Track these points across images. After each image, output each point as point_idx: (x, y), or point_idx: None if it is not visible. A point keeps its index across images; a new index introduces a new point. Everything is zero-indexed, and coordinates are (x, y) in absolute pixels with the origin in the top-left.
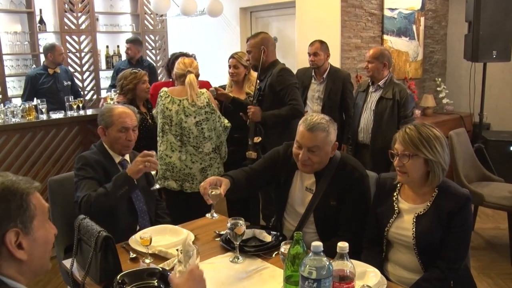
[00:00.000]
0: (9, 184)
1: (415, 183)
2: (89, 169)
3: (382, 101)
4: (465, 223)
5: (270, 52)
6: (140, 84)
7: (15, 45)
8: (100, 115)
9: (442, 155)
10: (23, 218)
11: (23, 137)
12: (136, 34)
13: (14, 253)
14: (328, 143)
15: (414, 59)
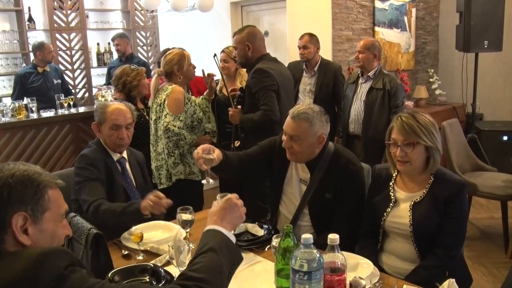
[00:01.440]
0: (31, 173)
1: (415, 171)
2: (93, 169)
3: (372, 91)
4: (461, 210)
5: (257, 47)
6: (143, 79)
7: (4, 43)
8: (95, 111)
9: (438, 139)
10: (34, 206)
11: (13, 137)
12: (127, 31)
13: (18, 236)
14: (311, 135)
15: (406, 51)
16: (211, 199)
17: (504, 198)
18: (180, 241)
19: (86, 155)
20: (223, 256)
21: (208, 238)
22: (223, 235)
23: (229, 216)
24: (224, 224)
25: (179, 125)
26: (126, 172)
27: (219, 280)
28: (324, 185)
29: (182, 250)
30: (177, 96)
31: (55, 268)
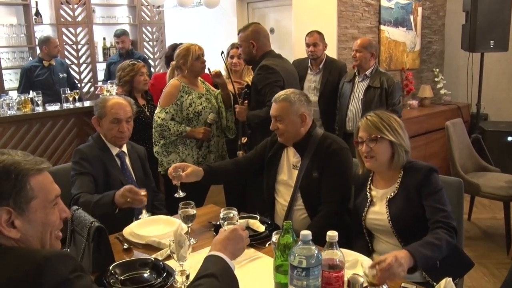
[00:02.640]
0: (8, 164)
1: (382, 167)
2: (85, 164)
3: (370, 90)
4: (434, 188)
5: (261, 45)
6: (138, 76)
7: (11, 37)
8: (94, 105)
9: (403, 137)
10: (16, 198)
11: (19, 130)
12: (133, 26)
13: (4, 232)
14: (292, 113)
15: (412, 50)
16: (214, 194)
17: (507, 199)
18: (181, 236)
19: (81, 150)
20: (223, 283)
21: (210, 263)
22: (225, 263)
23: (232, 247)
24: (227, 253)
25: (163, 116)
26: (126, 166)
27: None
28: (312, 166)
29: (183, 245)
30: (169, 90)
31: (58, 274)
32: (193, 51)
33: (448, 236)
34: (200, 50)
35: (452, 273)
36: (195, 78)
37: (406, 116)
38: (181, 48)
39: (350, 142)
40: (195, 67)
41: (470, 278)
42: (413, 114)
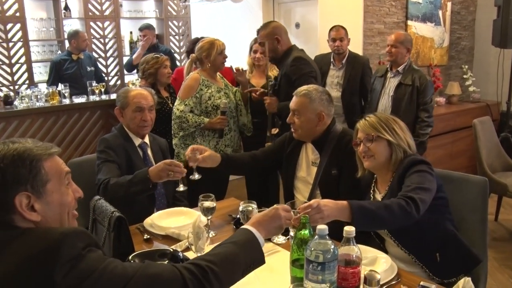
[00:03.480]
0: (21, 151)
1: (381, 166)
2: (111, 152)
3: (401, 87)
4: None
5: (284, 40)
6: (162, 69)
7: (41, 31)
8: (116, 96)
9: (402, 137)
10: (33, 182)
11: (46, 121)
12: (159, 20)
13: (25, 215)
14: (310, 110)
15: (440, 46)
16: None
17: None
18: (200, 228)
19: (106, 138)
20: (243, 251)
21: (237, 234)
22: (253, 236)
23: (267, 223)
24: (259, 228)
25: (182, 108)
26: (148, 157)
27: (230, 269)
28: (331, 163)
29: (201, 237)
30: (189, 82)
31: (74, 248)
32: (218, 46)
33: (403, 202)
34: (223, 45)
35: (456, 268)
36: (215, 72)
37: (433, 113)
38: (205, 41)
39: None
40: (217, 62)
41: (495, 280)
42: (440, 111)
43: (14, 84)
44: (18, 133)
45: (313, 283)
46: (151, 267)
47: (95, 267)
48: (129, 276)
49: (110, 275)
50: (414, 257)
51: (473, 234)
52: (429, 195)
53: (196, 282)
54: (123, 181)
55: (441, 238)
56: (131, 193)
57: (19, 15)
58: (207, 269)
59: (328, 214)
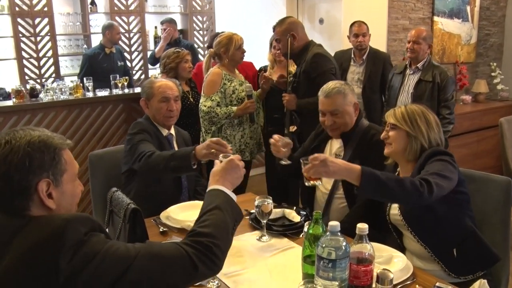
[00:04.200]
0: (45, 138)
1: (397, 156)
2: (146, 134)
3: (421, 84)
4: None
5: (300, 36)
6: (182, 63)
7: (67, 25)
8: (142, 88)
9: (424, 130)
10: (54, 170)
11: (70, 113)
12: (184, 15)
13: (45, 201)
14: (347, 104)
15: (467, 42)
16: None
17: None
18: None
19: (141, 122)
20: (227, 214)
21: (212, 197)
22: (226, 194)
23: (230, 176)
24: (226, 184)
25: (209, 104)
26: (173, 149)
27: (225, 235)
28: (355, 155)
29: None
30: (212, 78)
31: (77, 233)
32: (236, 41)
33: (417, 181)
34: (241, 40)
35: (473, 265)
36: (235, 67)
37: (458, 111)
38: (223, 36)
39: None
40: (236, 57)
41: None
42: (465, 109)
43: (41, 77)
44: (42, 125)
45: (324, 280)
46: (154, 245)
47: (97, 249)
48: (132, 256)
49: (113, 256)
50: (431, 251)
51: (494, 235)
52: (447, 183)
53: (202, 257)
54: (166, 154)
55: (460, 233)
56: (171, 167)
57: (47, 10)
58: (210, 244)
59: (334, 170)
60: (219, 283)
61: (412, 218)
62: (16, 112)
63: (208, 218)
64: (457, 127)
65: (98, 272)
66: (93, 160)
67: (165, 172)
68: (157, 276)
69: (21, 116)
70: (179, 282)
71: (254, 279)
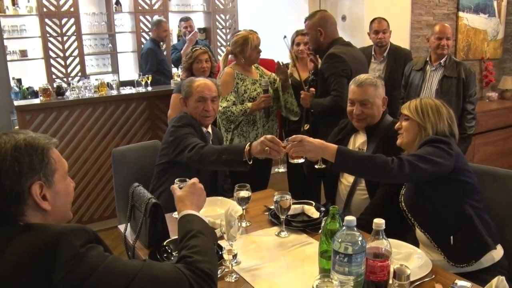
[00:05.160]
0: (30, 140)
1: (408, 146)
2: (191, 129)
3: (446, 80)
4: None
5: (328, 32)
6: (195, 63)
7: (93, 25)
8: (182, 85)
9: (433, 123)
10: (45, 171)
11: (95, 111)
12: (207, 14)
13: (40, 204)
14: (378, 96)
15: (494, 38)
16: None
17: None
18: (231, 216)
19: (186, 116)
20: (209, 237)
21: (190, 223)
22: (202, 220)
23: (196, 200)
24: (194, 208)
25: (225, 105)
26: None
27: (214, 259)
28: (378, 150)
29: (233, 225)
30: (225, 78)
31: (72, 247)
32: (252, 41)
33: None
34: (257, 39)
35: (466, 254)
36: (250, 66)
37: (484, 108)
38: (239, 36)
39: None
40: (252, 57)
41: None
42: (491, 106)
43: (68, 76)
44: (68, 122)
45: (340, 275)
46: (153, 266)
47: (96, 265)
48: (132, 276)
49: (112, 273)
50: (430, 238)
51: None
52: (429, 166)
53: (201, 282)
54: (219, 147)
55: (457, 221)
56: (222, 160)
57: (73, 10)
58: (207, 270)
59: (309, 149)
60: (237, 277)
61: (412, 205)
62: (43, 109)
63: (198, 244)
64: (483, 125)
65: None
66: (116, 157)
67: (215, 164)
68: None
69: (48, 113)
70: None
71: (272, 273)
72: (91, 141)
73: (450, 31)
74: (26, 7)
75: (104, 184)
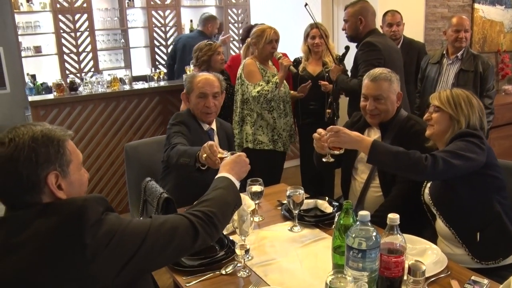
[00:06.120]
0: (47, 132)
1: (438, 137)
2: (184, 127)
3: (463, 74)
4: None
5: (368, 22)
6: (215, 55)
7: (106, 21)
8: (184, 81)
9: (466, 113)
10: (61, 162)
11: (108, 106)
12: (219, 8)
13: (56, 193)
14: (392, 91)
15: (510, 30)
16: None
17: None
18: (244, 211)
19: (181, 114)
20: (229, 195)
21: (219, 181)
22: (231, 181)
23: (238, 169)
24: (233, 174)
25: (258, 89)
26: None
27: (225, 211)
28: (393, 145)
29: (245, 220)
30: (251, 68)
31: (97, 213)
32: (268, 34)
33: (423, 155)
34: (275, 35)
35: (494, 251)
36: (264, 60)
37: (500, 102)
38: (258, 28)
39: None
40: (265, 51)
41: None
42: (508, 100)
43: (81, 72)
44: (81, 117)
45: (353, 271)
46: (159, 217)
47: (116, 227)
48: (146, 228)
49: (131, 230)
50: (455, 233)
51: None
52: (462, 162)
53: (203, 224)
54: (182, 149)
55: (484, 218)
56: (179, 163)
57: (86, 6)
58: (210, 214)
59: (345, 140)
60: (249, 272)
61: (439, 198)
62: (57, 105)
63: (212, 195)
64: (499, 118)
65: (120, 245)
66: (129, 151)
67: (176, 167)
68: (166, 241)
69: (61, 108)
70: (183, 246)
71: (284, 268)
72: (104, 136)
73: (467, 23)
74: (40, 4)
75: (117, 179)
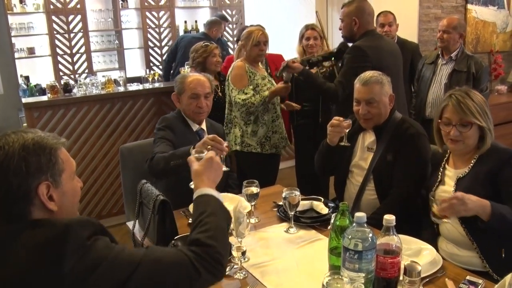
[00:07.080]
0: (39, 140)
1: (467, 151)
2: (169, 131)
3: (455, 74)
4: None
5: (363, 23)
6: (210, 57)
7: (99, 22)
8: (174, 82)
9: (490, 120)
10: (52, 171)
11: (102, 108)
12: (213, 9)
13: (47, 205)
14: (384, 94)
15: (503, 30)
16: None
17: None
18: (240, 213)
19: (167, 118)
20: (220, 218)
21: (204, 204)
22: (216, 199)
23: (213, 175)
24: (211, 184)
25: (244, 97)
26: None
27: (224, 239)
28: (388, 149)
29: (242, 221)
30: (238, 72)
31: (79, 238)
32: (255, 36)
33: None
34: (263, 37)
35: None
36: (253, 62)
37: (494, 102)
38: (247, 29)
39: (429, 128)
40: (252, 53)
41: None
42: (501, 100)
43: (75, 73)
44: (75, 119)
45: (350, 272)
46: (155, 251)
47: (103, 256)
48: (137, 261)
49: (118, 263)
50: (477, 247)
51: None
52: None
53: (204, 263)
54: (167, 154)
55: None
56: (171, 166)
57: (79, 7)
58: (210, 250)
59: (471, 207)
60: (246, 274)
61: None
62: (51, 106)
63: (209, 227)
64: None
65: (104, 278)
66: (124, 153)
67: (165, 172)
68: (160, 280)
69: (56, 110)
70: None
71: (281, 270)
72: (98, 137)
73: (450, 23)
74: (33, 5)
75: (112, 181)
